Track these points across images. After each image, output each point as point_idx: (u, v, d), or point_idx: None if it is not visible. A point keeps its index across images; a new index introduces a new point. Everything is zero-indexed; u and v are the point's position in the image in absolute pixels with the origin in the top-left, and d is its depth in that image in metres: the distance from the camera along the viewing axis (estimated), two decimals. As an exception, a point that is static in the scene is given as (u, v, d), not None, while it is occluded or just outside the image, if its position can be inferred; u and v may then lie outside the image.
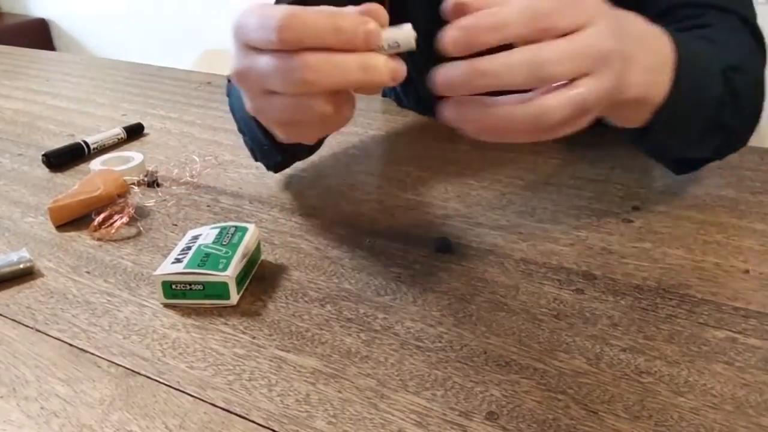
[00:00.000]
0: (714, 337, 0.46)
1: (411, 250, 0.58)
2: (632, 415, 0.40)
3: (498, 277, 0.54)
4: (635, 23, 0.48)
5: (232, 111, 0.72)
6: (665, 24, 0.59)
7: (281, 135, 0.46)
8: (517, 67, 0.38)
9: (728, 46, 0.59)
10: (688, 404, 0.40)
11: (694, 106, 0.54)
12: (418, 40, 0.40)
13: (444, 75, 0.38)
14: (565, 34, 0.39)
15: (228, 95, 0.73)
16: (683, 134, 0.56)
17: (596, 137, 0.80)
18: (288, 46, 0.39)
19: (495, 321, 0.48)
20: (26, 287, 0.55)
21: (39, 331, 0.49)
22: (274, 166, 0.71)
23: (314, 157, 0.79)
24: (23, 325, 0.50)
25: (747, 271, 0.53)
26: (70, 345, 0.48)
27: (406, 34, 0.39)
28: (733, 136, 0.61)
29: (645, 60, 0.48)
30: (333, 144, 0.83)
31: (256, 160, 0.71)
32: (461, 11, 0.38)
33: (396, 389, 0.42)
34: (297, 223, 0.63)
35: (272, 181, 0.73)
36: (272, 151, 0.63)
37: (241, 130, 0.70)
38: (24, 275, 0.56)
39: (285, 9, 0.38)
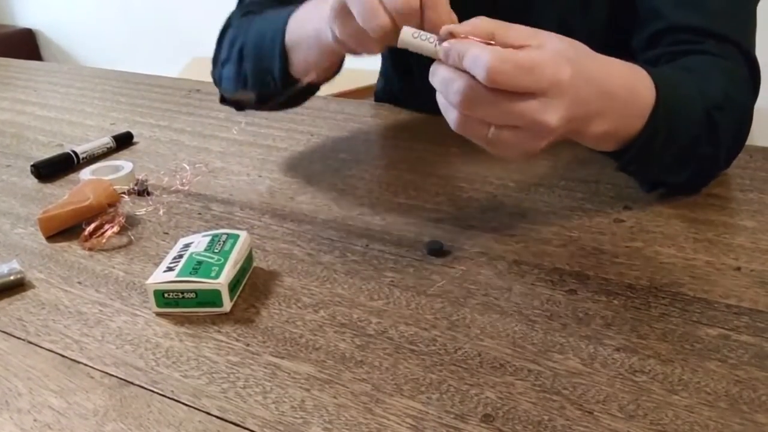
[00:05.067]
0: (707, 334, 0.46)
1: (403, 254, 0.58)
2: (627, 415, 0.40)
3: (491, 279, 0.54)
4: (615, 75, 0.51)
5: (238, 38, 0.73)
6: (662, 45, 0.64)
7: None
8: (451, 88, 0.45)
9: (717, 82, 0.61)
10: (682, 402, 0.41)
11: (668, 140, 0.56)
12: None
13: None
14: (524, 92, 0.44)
15: (234, 26, 0.76)
16: (656, 162, 0.59)
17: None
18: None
19: (489, 323, 0.49)
20: (17, 299, 0.54)
21: (31, 342, 0.49)
22: (260, 100, 0.73)
23: (305, 163, 0.79)
24: (15, 337, 0.50)
25: (738, 269, 0.54)
26: (63, 356, 0.47)
27: (418, 46, 0.47)
28: (710, 165, 0.64)
29: (616, 111, 0.51)
30: (324, 148, 0.83)
31: (240, 87, 0.73)
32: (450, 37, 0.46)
33: (391, 393, 0.42)
34: (289, 229, 0.63)
35: (263, 187, 0.73)
36: (274, 82, 0.67)
37: (238, 58, 0.71)
38: (15, 287, 0.56)
39: None
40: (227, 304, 0.51)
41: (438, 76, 0.46)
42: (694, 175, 0.63)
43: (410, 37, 0.47)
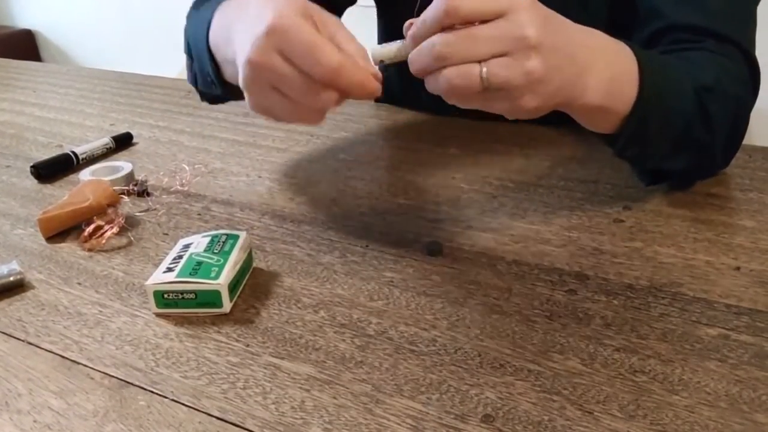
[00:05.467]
0: (707, 334, 0.46)
1: (403, 255, 0.58)
2: (627, 415, 0.40)
3: (490, 279, 0.54)
4: (593, 35, 0.51)
5: (187, 33, 0.70)
6: (662, 43, 0.65)
7: (252, 104, 0.50)
8: (426, 49, 0.45)
9: (705, 68, 0.61)
10: (682, 402, 0.41)
11: (661, 119, 0.56)
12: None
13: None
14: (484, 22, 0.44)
15: (188, 17, 0.72)
16: (652, 144, 0.59)
17: (585, 137, 0.80)
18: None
19: (488, 323, 0.49)
20: (17, 300, 0.54)
21: (31, 343, 0.49)
22: (209, 99, 0.76)
23: (305, 163, 0.79)
24: (14, 338, 0.50)
25: (738, 269, 0.54)
26: (63, 357, 0.47)
27: (389, 50, 0.50)
28: (706, 155, 0.63)
29: (606, 69, 0.51)
30: (323, 149, 0.83)
31: (195, 85, 0.72)
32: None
33: (391, 394, 0.42)
34: (288, 230, 0.63)
35: (263, 188, 0.73)
36: (215, 85, 0.64)
37: (189, 54, 0.69)
38: (15, 287, 0.56)
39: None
40: (227, 305, 0.51)
41: (414, 59, 0.47)
42: (691, 165, 0.63)
43: (379, 48, 0.50)
